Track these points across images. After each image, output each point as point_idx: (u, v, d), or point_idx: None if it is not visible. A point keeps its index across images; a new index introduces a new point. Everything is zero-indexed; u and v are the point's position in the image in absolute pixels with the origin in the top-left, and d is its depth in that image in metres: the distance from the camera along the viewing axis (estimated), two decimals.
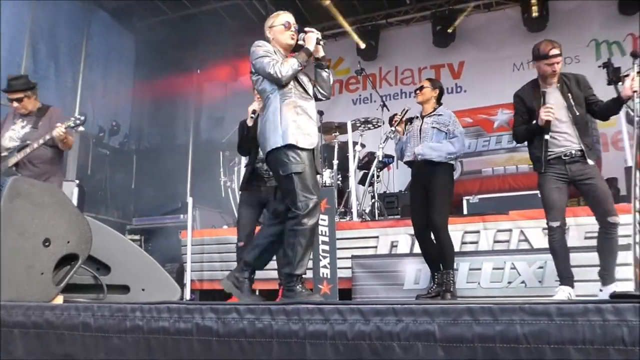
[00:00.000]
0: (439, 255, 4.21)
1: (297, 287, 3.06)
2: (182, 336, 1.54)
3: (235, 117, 8.44)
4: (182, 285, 5.71)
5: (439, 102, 4.49)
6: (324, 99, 3.36)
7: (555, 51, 3.65)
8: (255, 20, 9.53)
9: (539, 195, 3.84)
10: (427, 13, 9.02)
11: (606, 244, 3.61)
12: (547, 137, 3.63)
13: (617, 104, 3.67)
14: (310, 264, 4.42)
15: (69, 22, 8.02)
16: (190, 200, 6.04)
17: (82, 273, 2.57)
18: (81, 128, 4.08)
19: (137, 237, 7.33)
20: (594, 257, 3.91)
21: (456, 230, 4.91)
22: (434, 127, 4.30)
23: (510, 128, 7.03)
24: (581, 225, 4.60)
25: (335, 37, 9.88)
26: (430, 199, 4.17)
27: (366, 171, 6.62)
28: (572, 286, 3.63)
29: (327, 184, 6.51)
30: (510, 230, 4.89)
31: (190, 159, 9.54)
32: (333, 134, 6.74)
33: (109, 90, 8.77)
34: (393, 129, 4.61)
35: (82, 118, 4.00)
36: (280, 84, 3.10)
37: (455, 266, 4.35)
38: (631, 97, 3.49)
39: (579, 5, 8.36)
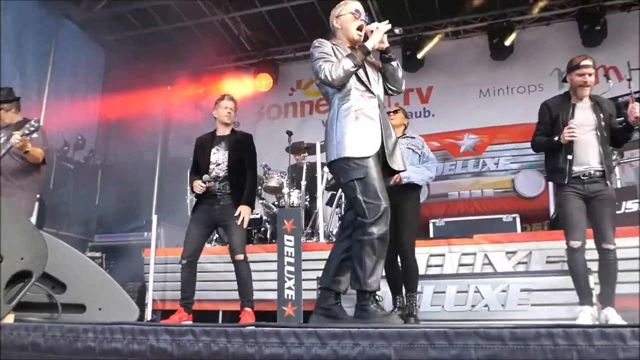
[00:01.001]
0: (403, 278, 4.20)
1: (371, 306, 2.74)
2: (135, 358, 1.50)
3: None
4: (143, 305, 5.59)
5: (405, 129, 4.58)
6: (394, 93, 3.17)
7: (586, 62, 3.74)
8: (229, 39, 9.58)
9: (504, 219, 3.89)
10: (397, 38, 9.18)
11: (603, 269, 3.63)
12: (569, 157, 3.64)
13: (627, 130, 3.75)
14: (290, 283, 4.42)
15: (37, 32, 7.88)
16: (154, 217, 5.93)
17: (36, 291, 2.47)
18: (35, 135, 3.91)
19: (98, 254, 7.15)
20: (557, 282, 3.99)
21: (422, 253, 4.93)
22: (409, 148, 4.36)
23: (475, 153, 7.22)
24: (543, 250, 4.69)
25: (307, 58, 9.95)
26: (399, 222, 4.15)
27: (334, 192, 6.63)
28: (592, 305, 3.64)
29: (294, 205, 6.50)
30: (474, 253, 4.94)
31: (157, 176, 9.41)
32: (302, 155, 6.75)
33: (75, 103, 8.62)
34: None
35: (36, 124, 3.86)
36: (333, 87, 2.93)
37: (419, 289, 4.36)
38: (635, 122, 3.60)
39: (543, 36, 8.65)
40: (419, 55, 8.97)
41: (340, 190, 6.34)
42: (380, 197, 2.75)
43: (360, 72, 2.95)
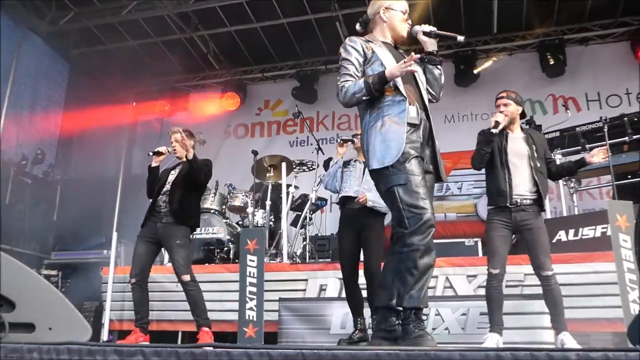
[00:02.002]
0: (370, 301, 4.13)
1: (410, 326, 2.52)
2: None
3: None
4: (99, 325, 5.43)
5: None
6: (433, 100, 2.91)
7: (502, 94, 3.96)
8: (197, 57, 9.55)
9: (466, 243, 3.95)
10: None
11: (548, 295, 3.73)
12: (509, 179, 3.79)
13: (577, 166, 3.99)
14: (252, 304, 4.35)
15: None
16: (115, 235, 5.81)
17: None
18: None
19: (54, 272, 6.94)
20: (516, 305, 4.04)
21: None
22: None
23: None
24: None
25: (275, 79, 10.01)
26: (365, 245, 4.19)
27: (299, 213, 6.62)
28: (501, 334, 3.71)
29: (258, 225, 6.46)
30: (436, 276, 4.97)
31: (119, 193, 9.23)
32: (267, 175, 6.73)
33: (36, 116, 8.42)
34: (339, 140, 4.61)
35: None
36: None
37: None
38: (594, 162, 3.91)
39: (506, 65, 8.89)
40: None
41: (305, 210, 6.34)
42: (423, 205, 2.55)
43: (387, 67, 2.74)
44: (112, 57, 9.07)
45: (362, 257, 4.29)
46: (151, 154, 4.49)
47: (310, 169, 6.87)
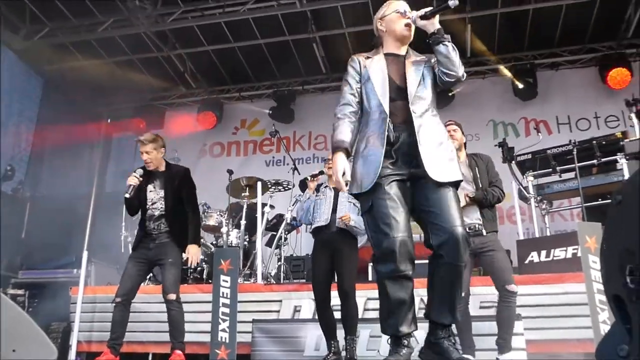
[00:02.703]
0: (344, 321, 4.18)
1: (396, 349, 2.49)
2: None
3: None
4: (67, 347, 5.29)
5: None
6: (452, 79, 2.62)
7: (450, 121, 4.05)
8: (173, 76, 9.53)
9: None
10: (340, 84, 9.38)
11: (505, 312, 3.79)
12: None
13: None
14: (224, 325, 4.29)
15: None
16: (85, 254, 5.68)
17: None
18: None
19: (21, 291, 6.73)
20: (490, 326, 4.06)
21: (359, 297, 4.91)
22: (350, 202, 4.34)
23: None
24: (476, 295, 4.77)
25: (252, 98, 10.02)
26: (339, 266, 4.20)
27: (274, 233, 6.58)
28: (473, 355, 3.72)
29: (232, 244, 6.40)
30: None
31: (91, 211, 9.06)
32: (242, 194, 6.69)
33: (7, 132, 8.25)
34: (309, 176, 4.68)
35: None
36: None
37: (356, 333, 4.33)
38: None
39: (480, 88, 9.06)
40: None
41: (280, 230, 6.31)
42: (385, 230, 2.44)
43: (374, 83, 2.67)
44: (87, 73, 8.96)
45: (335, 279, 4.28)
46: (127, 196, 4.36)
47: (286, 188, 6.85)
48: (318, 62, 9.07)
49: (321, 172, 4.66)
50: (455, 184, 2.57)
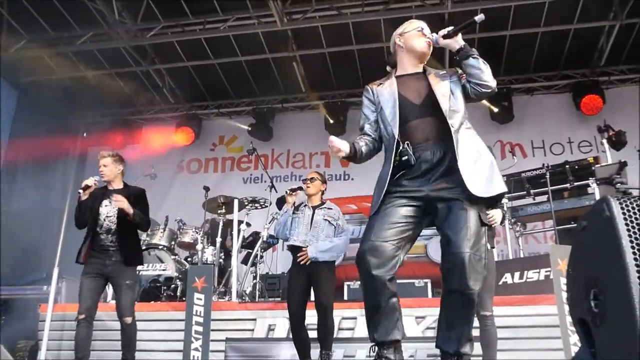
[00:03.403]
0: (321, 336, 4.16)
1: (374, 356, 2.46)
2: None
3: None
4: None
5: (322, 195, 4.64)
6: (487, 89, 2.60)
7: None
8: (151, 90, 9.48)
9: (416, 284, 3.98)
10: (320, 102, 9.45)
11: (483, 335, 3.76)
12: None
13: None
14: (197, 344, 4.22)
15: None
16: (56, 270, 5.57)
17: None
18: None
19: None
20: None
21: (335, 316, 4.93)
22: (325, 220, 4.39)
23: None
24: None
25: (231, 115, 10.00)
26: (316, 283, 4.22)
27: (250, 251, 6.54)
28: None
29: (207, 262, 6.34)
30: None
31: (63, 226, 8.89)
32: (219, 211, 6.64)
33: None
34: (288, 190, 4.67)
35: None
36: None
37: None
38: None
39: None
40: (341, 119, 9.21)
41: (256, 248, 6.27)
42: (365, 236, 2.50)
43: (385, 110, 2.70)
44: (64, 86, 8.87)
45: (312, 297, 4.28)
46: (81, 191, 4.36)
47: (263, 206, 6.82)
48: (298, 81, 9.11)
49: (300, 188, 4.65)
50: (496, 199, 2.52)
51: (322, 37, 8.22)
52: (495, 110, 8.76)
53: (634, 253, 1.13)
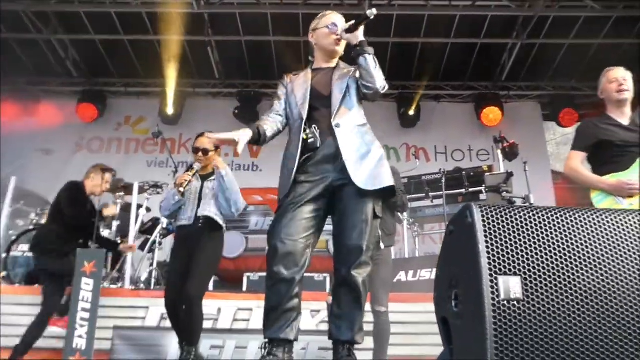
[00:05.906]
0: (186, 330, 3.74)
1: (263, 356, 2.38)
2: None
3: (9, 159, 7.56)
4: None
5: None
6: (370, 91, 2.60)
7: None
8: (52, 61, 8.90)
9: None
10: (234, 91, 9.33)
11: (376, 329, 3.80)
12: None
13: None
14: (82, 331, 4.00)
15: None
16: None
17: None
18: None
19: None
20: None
21: (230, 307, 4.90)
22: (213, 190, 3.96)
23: None
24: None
25: (139, 95, 9.62)
26: (193, 267, 3.70)
27: (148, 236, 6.33)
28: None
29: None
30: None
31: None
32: (117, 194, 6.36)
33: None
34: (182, 189, 3.82)
35: None
36: None
37: (221, 343, 4.28)
38: None
39: (368, 112, 9.36)
40: (255, 109, 9.16)
41: (155, 235, 6.08)
42: (276, 232, 2.44)
43: (296, 94, 2.70)
44: None
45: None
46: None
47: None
48: (212, 67, 8.92)
49: (191, 167, 4.03)
50: (383, 192, 2.53)
51: (239, 25, 8.11)
52: (405, 113, 9.06)
53: (489, 257, 1.22)
